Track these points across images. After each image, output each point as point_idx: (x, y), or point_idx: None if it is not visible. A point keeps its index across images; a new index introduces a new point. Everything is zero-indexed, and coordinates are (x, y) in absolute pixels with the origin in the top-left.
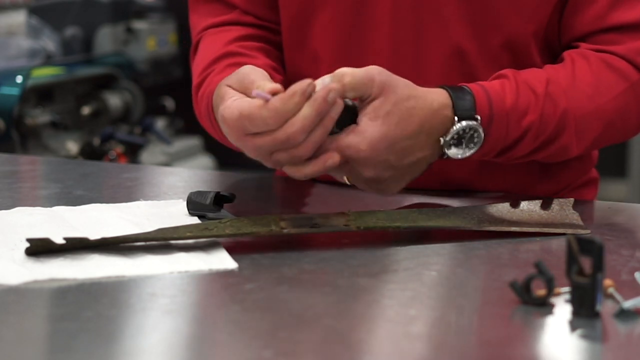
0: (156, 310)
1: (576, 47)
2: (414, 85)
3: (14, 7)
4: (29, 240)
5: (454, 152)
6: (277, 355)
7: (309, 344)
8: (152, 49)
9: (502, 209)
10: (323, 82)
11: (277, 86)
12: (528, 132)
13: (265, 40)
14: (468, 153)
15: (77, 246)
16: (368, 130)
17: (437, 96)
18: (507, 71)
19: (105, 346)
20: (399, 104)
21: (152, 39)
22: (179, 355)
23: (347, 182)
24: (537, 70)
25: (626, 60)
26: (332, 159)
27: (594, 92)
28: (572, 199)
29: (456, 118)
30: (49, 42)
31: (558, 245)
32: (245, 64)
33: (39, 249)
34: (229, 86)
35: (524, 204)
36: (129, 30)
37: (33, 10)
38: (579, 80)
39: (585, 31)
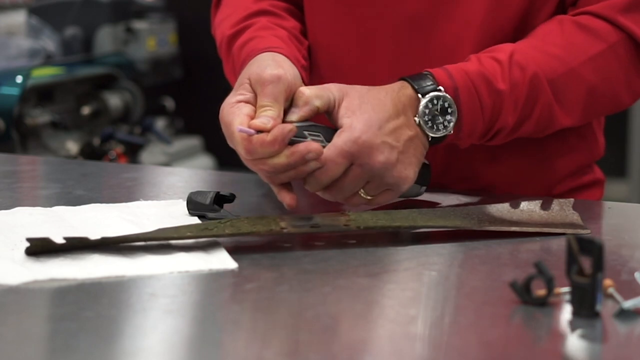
0: (156, 310)
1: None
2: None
3: (14, 7)
4: (29, 240)
5: (433, 129)
6: (277, 355)
7: (309, 344)
8: (152, 49)
9: (502, 209)
10: (292, 114)
11: (265, 124)
12: (503, 100)
13: (289, 1)
14: (450, 126)
15: (77, 246)
16: (352, 123)
17: (394, 83)
18: (470, 55)
19: (105, 346)
20: (364, 96)
21: (152, 39)
22: (179, 355)
23: (365, 197)
24: (503, 45)
25: (606, 19)
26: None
27: (565, 54)
28: (572, 199)
29: (419, 95)
30: (49, 42)
31: (558, 245)
32: (280, 25)
33: (39, 249)
34: (249, 79)
35: (524, 204)
36: (129, 30)
37: (33, 10)
38: (548, 44)
39: None
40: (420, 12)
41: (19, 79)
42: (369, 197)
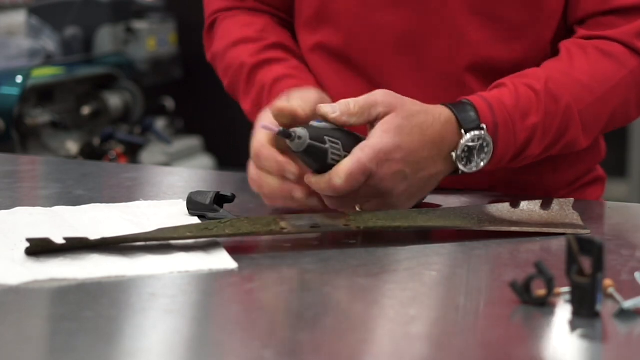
0: (156, 310)
1: (575, 31)
2: (419, 102)
3: (14, 7)
4: (29, 240)
5: (467, 166)
6: (277, 355)
7: (309, 344)
8: (152, 49)
9: (502, 209)
10: (331, 109)
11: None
12: (535, 133)
13: (282, 27)
14: (481, 164)
15: (77, 246)
16: (383, 140)
17: (442, 110)
18: (505, 79)
19: (105, 346)
20: (409, 118)
21: (152, 39)
22: (179, 355)
23: (357, 208)
24: (535, 70)
25: (623, 44)
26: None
27: (593, 83)
28: (572, 199)
29: (463, 131)
30: (49, 42)
31: (558, 245)
32: (293, 75)
33: (39, 249)
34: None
35: (524, 204)
36: (129, 30)
37: (33, 10)
38: (577, 73)
39: (589, 12)
40: (411, 29)
41: (19, 79)
42: (359, 209)
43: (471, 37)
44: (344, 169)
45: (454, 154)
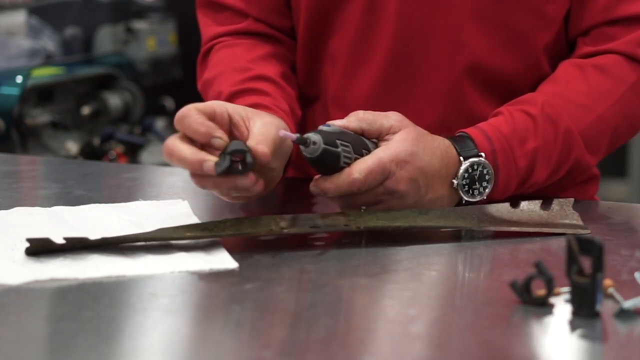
0: (156, 310)
1: (577, 45)
2: None
3: (14, 7)
4: (29, 240)
5: (469, 194)
6: (277, 355)
7: (309, 344)
8: (152, 49)
9: (502, 209)
10: (344, 119)
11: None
12: (537, 158)
13: (281, 58)
14: (485, 192)
15: (77, 246)
16: (403, 145)
17: (443, 138)
18: (501, 108)
19: (105, 346)
20: (420, 136)
21: (152, 39)
22: (179, 355)
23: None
24: (531, 95)
25: (625, 55)
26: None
27: (591, 103)
28: (572, 199)
29: (462, 158)
30: (49, 42)
31: (558, 245)
32: (266, 106)
33: (39, 248)
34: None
35: (524, 204)
36: (129, 30)
37: (33, 10)
38: (574, 94)
39: (593, 22)
40: (413, 35)
41: (19, 79)
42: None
43: (471, 43)
44: (364, 165)
45: (455, 181)
